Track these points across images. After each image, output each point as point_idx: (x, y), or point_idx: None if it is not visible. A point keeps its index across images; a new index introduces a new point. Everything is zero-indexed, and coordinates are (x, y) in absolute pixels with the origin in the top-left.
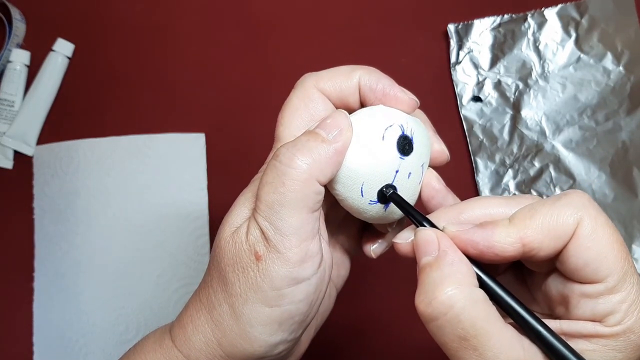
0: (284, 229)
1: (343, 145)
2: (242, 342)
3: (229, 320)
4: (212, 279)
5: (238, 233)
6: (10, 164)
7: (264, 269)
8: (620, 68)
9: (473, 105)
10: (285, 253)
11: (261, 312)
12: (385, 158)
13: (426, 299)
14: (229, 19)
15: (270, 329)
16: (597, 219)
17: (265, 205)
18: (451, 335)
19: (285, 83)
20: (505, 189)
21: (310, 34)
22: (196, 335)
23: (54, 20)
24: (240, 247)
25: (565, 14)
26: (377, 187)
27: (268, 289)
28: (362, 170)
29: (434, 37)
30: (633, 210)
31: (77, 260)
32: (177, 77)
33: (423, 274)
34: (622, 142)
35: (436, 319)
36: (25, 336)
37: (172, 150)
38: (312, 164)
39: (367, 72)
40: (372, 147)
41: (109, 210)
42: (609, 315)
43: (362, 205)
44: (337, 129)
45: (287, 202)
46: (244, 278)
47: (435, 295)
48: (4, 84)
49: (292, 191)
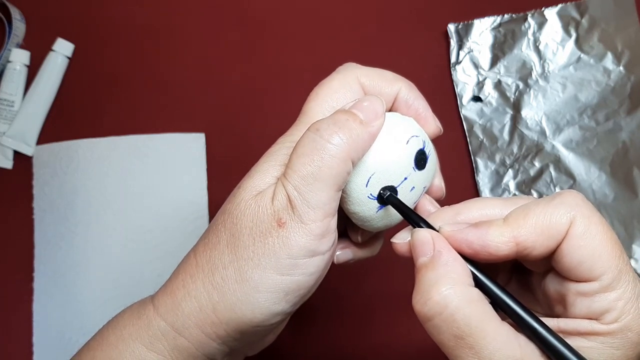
0: (312, 202)
1: (377, 130)
2: (242, 306)
3: (233, 284)
4: (219, 242)
5: (262, 197)
6: (10, 164)
7: (285, 236)
8: (620, 68)
9: (473, 105)
10: (309, 225)
11: (271, 279)
12: (402, 161)
13: (422, 299)
14: (229, 19)
15: (276, 297)
16: (591, 218)
17: (298, 175)
18: (447, 334)
19: (285, 83)
20: (506, 189)
21: (310, 34)
22: (188, 301)
23: (54, 20)
24: (264, 211)
25: (565, 13)
26: (382, 184)
27: (284, 256)
28: (378, 162)
29: (434, 37)
30: (633, 210)
31: (77, 260)
32: (177, 77)
33: (419, 275)
34: (623, 142)
35: (432, 318)
36: (25, 336)
37: (172, 150)
38: (350, 144)
39: (408, 87)
40: (395, 146)
41: (109, 210)
42: (605, 313)
43: (361, 197)
44: (374, 114)
45: (321, 177)
46: (260, 242)
47: (431, 295)
48: (4, 84)
49: (329, 167)
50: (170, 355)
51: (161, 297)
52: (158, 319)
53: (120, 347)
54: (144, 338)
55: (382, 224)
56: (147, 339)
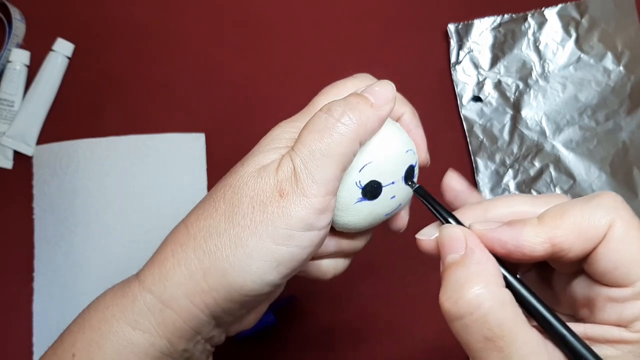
0: (317, 177)
1: (386, 114)
2: (235, 273)
3: (226, 250)
4: (216, 210)
5: (266, 169)
6: (10, 164)
7: (285, 206)
8: (620, 68)
9: (473, 105)
10: (311, 199)
11: (266, 247)
12: (397, 164)
13: (452, 297)
14: (229, 19)
15: (269, 265)
16: (630, 222)
17: (307, 150)
18: (477, 335)
19: (285, 83)
20: (506, 189)
21: (310, 34)
22: (177, 269)
23: (54, 20)
24: (267, 181)
25: (565, 13)
26: (373, 177)
27: (282, 226)
28: (377, 153)
29: (434, 37)
30: (633, 210)
31: (77, 260)
32: (177, 77)
33: (449, 272)
34: (622, 142)
35: (462, 317)
36: (25, 336)
37: (172, 150)
38: (359, 124)
39: (412, 113)
40: (396, 147)
41: (109, 210)
42: (635, 321)
43: (349, 180)
44: (385, 98)
45: (329, 154)
46: (259, 211)
47: (462, 293)
48: (4, 84)
49: (338, 145)
50: (156, 331)
51: (147, 271)
52: (144, 292)
53: (103, 328)
54: (128, 316)
55: (354, 221)
56: (132, 316)
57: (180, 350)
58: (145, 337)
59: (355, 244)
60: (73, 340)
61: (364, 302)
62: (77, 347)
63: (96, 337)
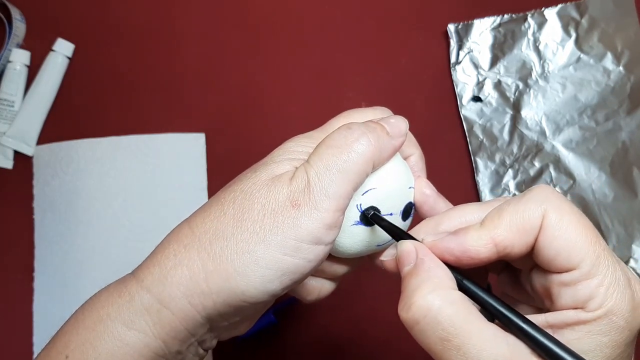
0: (330, 191)
1: (399, 145)
2: (238, 277)
3: (232, 254)
4: (224, 214)
5: (280, 179)
6: (10, 164)
7: (296, 217)
8: (620, 68)
9: (473, 105)
10: (322, 213)
11: (272, 256)
12: (398, 196)
13: (406, 305)
14: (229, 19)
15: (273, 275)
16: (561, 208)
17: (323, 164)
18: (433, 337)
19: (285, 83)
20: (505, 189)
21: (310, 34)
22: (179, 269)
23: (54, 20)
24: (280, 190)
25: (565, 14)
26: (373, 203)
27: (292, 237)
28: (383, 181)
29: (434, 37)
30: (633, 210)
31: (77, 260)
32: (177, 77)
33: (404, 283)
34: (622, 142)
35: (417, 322)
36: (25, 336)
37: (172, 150)
38: (377, 148)
39: (420, 156)
40: (401, 180)
41: (109, 210)
42: (589, 301)
43: (351, 206)
44: (399, 130)
45: (344, 171)
46: (270, 219)
47: (414, 300)
48: (4, 84)
49: (354, 164)
50: (152, 331)
51: (146, 269)
52: (142, 292)
53: (98, 329)
54: (124, 316)
55: (348, 244)
56: (128, 316)
57: (174, 352)
58: (140, 338)
59: (344, 268)
60: (67, 341)
61: (365, 302)
62: (70, 349)
63: (90, 337)
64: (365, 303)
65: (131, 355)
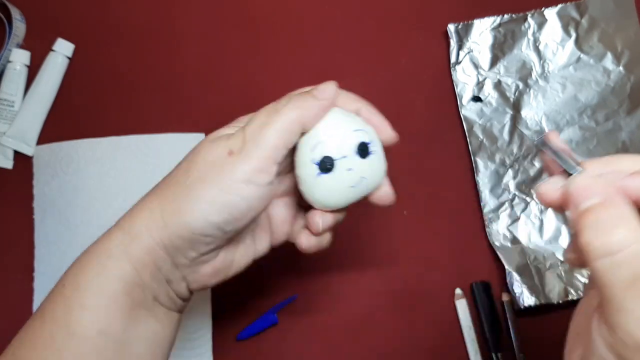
0: (260, 143)
1: (326, 103)
2: (185, 211)
3: (181, 194)
4: (178, 171)
5: (221, 138)
6: (10, 164)
7: (231, 163)
8: (620, 68)
9: (473, 105)
10: (252, 159)
11: (212, 193)
12: (345, 141)
13: (604, 233)
14: (229, 19)
15: (213, 209)
16: None
17: (257, 124)
18: (626, 272)
19: (285, 83)
20: (505, 189)
21: (310, 34)
22: (143, 211)
23: (54, 20)
24: (219, 146)
25: (565, 14)
26: (325, 154)
27: (227, 177)
28: (324, 134)
29: (434, 37)
30: None
31: None
32: (177, 77)
33: (590, 215)
34: (622, 142)
35: (615, 253)
36: None
37: (172, 150)
38: (301, 109)
39: (366, 106)
40: (342, 127)
41: (109, 210)
42: None
43: (306, 159)
44: (325, 92)
45: (272, 126)
46: (211, 166)
47: (618, 229)
48: (4, 84)
49: (280, 122)
50: (125, 259)
51: (122, 218)
52: (117, 230)
53: (85, 260)
54: (105, 249)
55: (325, 195)
56: (109, 248)
57: (147, 282)
58: (116, 265)
59: (321, 240)
60: (65, 275)
61: (366, 301)
62: (68, 279)
63: (81, 266)
64: (365, 303)
65: (111, 279)
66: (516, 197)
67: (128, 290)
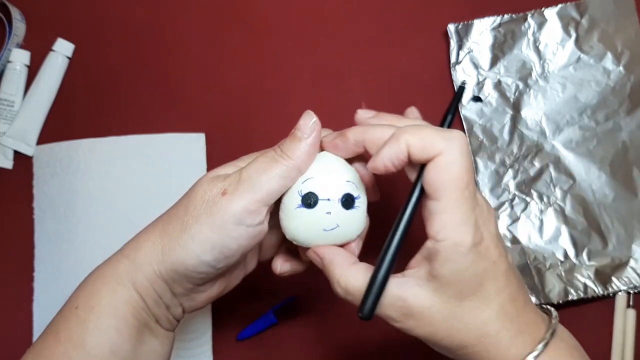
0: (255, 186)
1: (313, 140)
2: (180, 249)
3: (178, 232)
4: (179, 207)
5: (219, 177)
6: (10, 164)
7: (224, 203)
8: (620, 68)
9: (473, 105)
10: (245, 200)
11: (204, 232)
12: (332, 186)
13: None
14: (229, 19)
15: (205, 248)
16: (458, 157)
17: (254, 168)
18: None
19: (286, 83)
20: (505, 189)
21: (310, 34)
22: (146, 243)
23: (54, 20)
24: (215, 185)
25: (565, 14)
26: (311, 189)
27: (219, 218)
28: (317, 172)
29: (434, 37)
30: (633, 210)
31: (77, 260)
32: (177, 77)
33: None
34: (622, 142)
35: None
36: (25, 336)
37: (172, 150)
38: (299, 156)
39: (364, 172)
40: (334, 173)
41: (109, 210)
42: (439, 231)
43: (294, 190)
44: (305, 127)
45: (269, 172)
46: (205, 205)
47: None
48: (4, 84)
49: (277, 168)
50: (132, 286)
51: (127, 246)
52: (124, 259)
53: (98, 284)
54: (115, 276)
55: (295, 226)
56: (118, 275)
57: (151, 307)
58: (125, 291)
59: (291, 267)
60: (76, 296)
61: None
62: (79, 301)
63: (94, 290)
64: None
65: (122, 303)
66: (516, 197)
67: (136, 314)
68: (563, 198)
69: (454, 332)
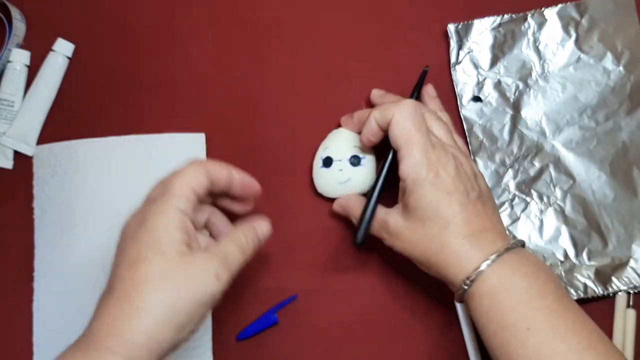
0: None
1: (263, 237)
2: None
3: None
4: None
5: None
6: (10, 164)
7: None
8: (620, 68)
9: (473, 105)
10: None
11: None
12: (343, 152)
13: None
14: (229, 19)
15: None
16: (406, 113)
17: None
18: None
19: (286, 83)
20: (505, 189)
21: (310, 34)
22: (140, 336)
23: (54, 20)
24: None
25: (565, 14)
26: (328, 155)
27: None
28: (333, 144)
29: (434, 37)
30: (633, 210)
31: (77, 260)
32: (177, 77)
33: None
34: (622, 142)
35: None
36: (25, 336)
37: (172, 150)
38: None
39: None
40: (344, 146)
41: (109, 210)
42: (402, 173)
43: (317, 157)
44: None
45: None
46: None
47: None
48: (4, 84)
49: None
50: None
51: (110, 337)
52: (113, 355)
53: None
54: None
55: (322, 181)
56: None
57: None
58: None
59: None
60: None
61: (366, 301)
62: None
63: None
64: (365, 303)
65: None
66: (516, 197)
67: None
68: (563, 198)
69: (422, 247)
